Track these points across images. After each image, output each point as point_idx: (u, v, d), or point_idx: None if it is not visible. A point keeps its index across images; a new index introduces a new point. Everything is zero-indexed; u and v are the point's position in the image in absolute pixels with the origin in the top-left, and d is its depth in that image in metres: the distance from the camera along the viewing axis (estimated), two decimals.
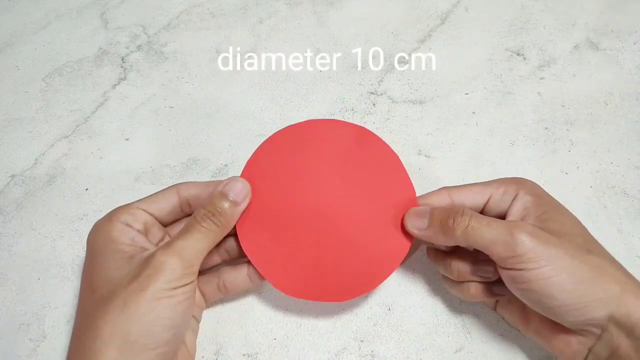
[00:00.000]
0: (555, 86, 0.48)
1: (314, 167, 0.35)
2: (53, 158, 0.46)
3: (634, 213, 0.40)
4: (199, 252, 0.30)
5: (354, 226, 0.34)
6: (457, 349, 0.36)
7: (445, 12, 0.54)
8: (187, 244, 0.30)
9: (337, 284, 0.34)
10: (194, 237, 0.30)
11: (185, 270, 0.29)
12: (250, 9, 0.55)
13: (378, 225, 0.34)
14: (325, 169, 0.35)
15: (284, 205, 0.34)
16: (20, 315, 0.38)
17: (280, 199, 0.34)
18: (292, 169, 0.35)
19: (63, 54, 0.53)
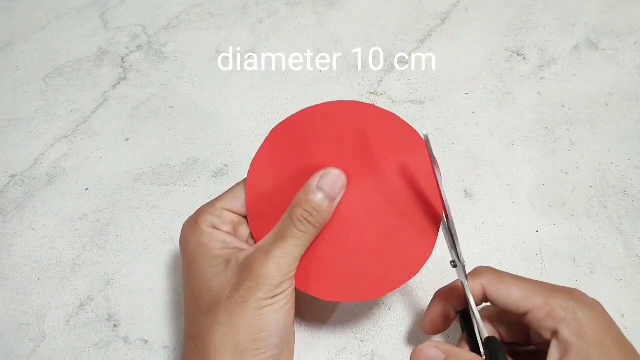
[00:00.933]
0: (555, 86, 0.48)
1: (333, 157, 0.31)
2: (53, 158, 0.46)
3: (634, 213, 0.40)
4: (295, 258, 0.30)
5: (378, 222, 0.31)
6: None
7: (445, 12, 0.54)
8: (284, 252, 0.29)
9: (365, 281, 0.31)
10: (291, 243, 0.29)
11: (283, 278, 0.29)
12: (250, 9, 0.55)
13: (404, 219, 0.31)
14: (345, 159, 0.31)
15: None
16: (20, 315, 0.38)
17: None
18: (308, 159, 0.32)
19: (63, 54, 0.53)
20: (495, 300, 0.29)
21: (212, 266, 0.30)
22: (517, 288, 0.29)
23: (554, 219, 0.40)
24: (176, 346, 0.36)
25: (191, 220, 0.32)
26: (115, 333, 0.37)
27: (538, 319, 0.28)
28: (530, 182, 0.42)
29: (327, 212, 0.30)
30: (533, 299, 0.28)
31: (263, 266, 0.29)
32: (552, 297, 0.28)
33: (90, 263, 0.40)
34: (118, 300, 0.38)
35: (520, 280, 0.29)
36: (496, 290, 0.29)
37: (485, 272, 0.30)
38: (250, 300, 0.28)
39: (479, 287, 0.30)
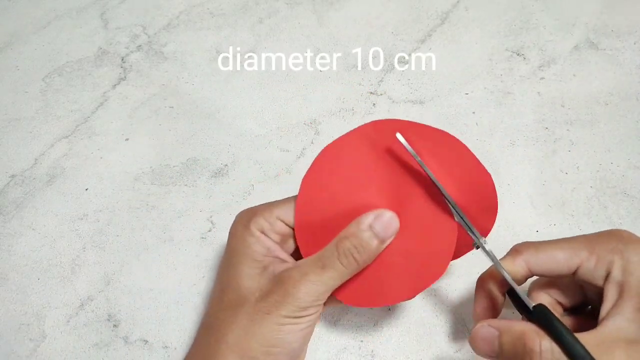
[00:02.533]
0: (555, 86, 0.48)
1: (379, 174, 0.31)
2: (53, 158, 0.46)
3: (634, 213, 0.40)
4: (329, 288, 0.29)
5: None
6: (457, 349, 0.36)
7: (445, 12, 0.54)
8: (319, 280, 0.29)
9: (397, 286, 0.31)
10: (329, 274, 0.29)
11: (312, 303, 0.29)
12: (250, 8, 0.55)
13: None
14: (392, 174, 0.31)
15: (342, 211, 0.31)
16: (20, 315, 0.38)
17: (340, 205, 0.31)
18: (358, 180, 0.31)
19: (63, 54, 0.53)
20: (542, 271, 0.29)
21: (248, 267, 0.30)
22: (559, 250, 0.28)
23: (554, 219, 0.40)
24: (176, 346, 0.36)
25: (245, 217, 0.32)
26: (115, 333, 0.37)
27: (589, 271, 0.27)
28: (530, 182, 0.42)
29: (374, 253, 0.30)
30: (578, 254, 0.28)
31: (295, 286, 0.28)
32: (596, 245, 0.28)
33: (90, 263, 0.40)
34: (118, 300, 0.38)
35: (559, 242, 0.29)
36: (540, 261, 0.29)
37: (523, 247, 0.30)
38: (273, 313, 0.28)
39: (522, 265, 0.29)
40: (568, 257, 0.28)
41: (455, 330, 0.36)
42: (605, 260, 0.27)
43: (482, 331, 0.28)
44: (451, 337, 0.36)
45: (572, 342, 0.25)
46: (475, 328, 0.28)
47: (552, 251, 0.29)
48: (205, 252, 0.40)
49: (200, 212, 0.42)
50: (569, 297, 0.31)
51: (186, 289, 0.39)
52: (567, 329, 0.26)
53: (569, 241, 0.29)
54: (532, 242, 0.30)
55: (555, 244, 0.29)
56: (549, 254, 0.29)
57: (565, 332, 0.25)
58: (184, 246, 0.41)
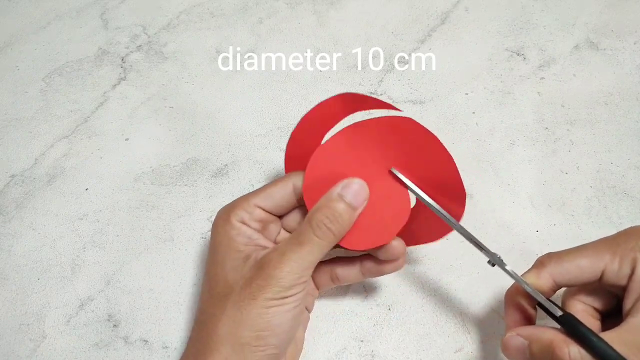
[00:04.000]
0: (555, 86, 0.48)
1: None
2: (53, 158, 0.46)
3: (634, 213, 0.40)
4: (310, 263, 0.30)
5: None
6: (457, 349, 0.36)
7: (445, 12, 0.54)
8: (298, 257, 0.29)
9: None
10: (307, 249, 0.30)
11: (294, 282, 0.29)
12: (250, 9, 0.55)
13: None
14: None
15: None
16: (20, 315, 0.38)
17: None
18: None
19: (63, 54, 0.53)
20: (568, 281, 0.29)
21: (232, 259, 0.31)
22: (582, 258, 0.29)
23: (554, 219, 0.40)
24: (176, 346, 0.36)
25: (224, 211, 0.33)
26: (115, 333, 0.37)
27: (614, 273, 0.28)
28: (530, 182, 0.42)
29: (348, 222, 0.31)
30: (601, 258, 0.28)
31: (276, 267, 0.29)
32: (616, 246, 0.28)
33: (90, 263, 0.40)
34: (118, 300, 0.38)
35: (581, 249, 0.29)
36: (564, 272, 0.29)
37: (546, 259, 0.30)
38: (258, 298, 0.29)
39: (547, 277, 0.29)
40: (592, 263, 0.28)
41: (455, 330, 0.36)
42: (628, 259, 0.27)
43: (513, 341, 0.28)
44: (451, 337, 0.36)
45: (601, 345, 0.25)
46: (506, 338, 0.29)
47: (575, 260, 0.29)
48: (205, 252, 0.40)
49: (200, 212, 0.42)
50: (603, 302, 0.30)
51: (186, 289, 0.39)
52: (594, 334, 0.26)
53: (590, 247, 0.29)
54: (554, 252, 0.30)
55: (577, 251, 0.29)
56: (572, 263, 0.29)
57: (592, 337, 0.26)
58: (184, 246, 0.41)
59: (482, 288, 0.38)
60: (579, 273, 0.29)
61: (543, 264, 0.30)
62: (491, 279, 0.38)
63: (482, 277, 0.38)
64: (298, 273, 0.29)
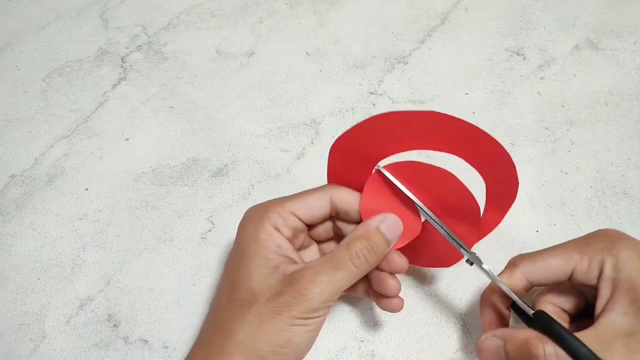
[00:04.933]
0: (555, 86, 0.48)
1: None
2: (53, 158, 0.46)
3: (634, 213, 0.40)
4: (340, 289, 0.30)
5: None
6: (457, 349, 0.36)
7: (445, 12, 0.54)
8: (331, 281, 0.29)
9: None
10: (341, 274, 0.29)
11: (322, 305, 0.29)
12: (250, 9, 0.55)
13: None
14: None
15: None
16: (20, 315, 0.38)
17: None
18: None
19: (63, 54, 0.53)
20: (539, 279, 0.30)
21: (260, 266, 0.30)
22: (553, 257, 0.29)
23: (554, 219, 0.40)
24: (176, 346, 0.36)
25: (257, 212, 0.32)
26: (115, 333, 0.37)
27: (583, 272, 0.28)
28: (530, 182, 0.42)
29: (382, 254, 0.31)
30: (571, 257, 0.29)
31: (307, 287, 0.29)
32: (586, 246, 0.29)
33: (90, 263, 0.40)
34: (118, 300, 0.38)
35: (552, 250, 0.30)
36: (536, 270, 0.30)
37: (518, 260, 0.31)
38: (284, 314, 0.28)
39: (519, 277, 0.30)
40: (562, 262, 0.29)
41: (455, 330, 0.36)
42: (596, 259, 0.28)
43: (487, 342, 0.29)
44: (451, 337, 0.36)
45: (574, 342, 0.25)
46: (481, 340, 0.29)
47: (546, 259, 0.30)
48: (205, 252, 0.40)
49: (200, 212, 0.42)
50: (572, 303, 0.31)
51: (186, 289, 0.39)
52: (568, 331, 0.26)
53: (561, 247, 0.30)
54: (526, 253, 0.31)
55: (548, 252, 0.30)
56: (544, 263, 0.30)
57: (566, 334, 0.26)
58: (184, 246, 0.41)
59: (482, 288, 0.38)
60: (551, 272, 0.29)
61: (515, 264, 0.31)
62: None
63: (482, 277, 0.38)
64: (328, 296, 0.29)
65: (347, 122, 0.46)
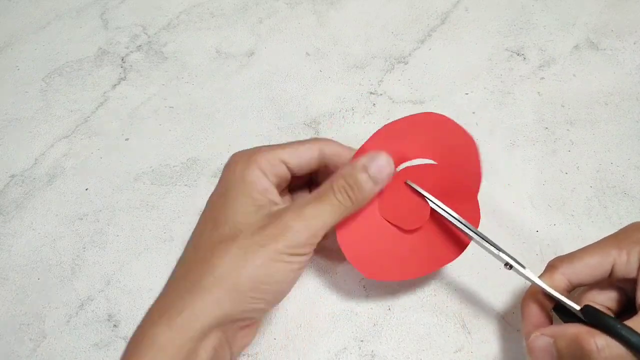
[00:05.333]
0: (555, 86, 0.48)
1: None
2: (53, 158, 0.46)
3: (634, 213, 0.40)
4: (325, 224, 0.29)
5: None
6: (457, 349, 0.36)
7: (445, 12, 0.54)
8: (317, 214, 0.29)
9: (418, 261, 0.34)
10: (326, 208, 0.29)
11: (308, 240, 0.29)
12: (250, 9, 0.55)
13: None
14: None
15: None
16: (20, 315, 0.38)
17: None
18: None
19: (63, 54, 0.53)
20: (580, 280, 0.30)
21: (244, 204, 0.30)
22: (590, 256, 0.29)
23: (554, 219, 0.40)
24: None
25: (245, 155, 0.32)
26: (115, 333, 0.37)
27: (623, 266, 0.28)
28: (530, 182, 0.42)
29: (368, 193, 0.31)
30: (609, 254, 0.29)
31: (293, 219, 0.29)
32: (622, 240, 0.29)
33: (90, 263, 0.40)
34: (118, 300, 0.38)
35: (588, 249, 0.30)
36: (575, 271, 0.29)
37: (557, 262, 0.31)
38: (268, 247, 0.28)
39: (561, 279, 0.30)
40: (601, 259, 0.29)
41: (455, 330, 0.36)
42: (635, 251, 0.28)
43: (538, 342, 0.28)
44: (451, 337, 0.36)
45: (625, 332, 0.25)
46: (531, 339, 0.29)
47: (584, 259, 0.29)
48: None
49: (200, 212, 0.42)
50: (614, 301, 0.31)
51: None
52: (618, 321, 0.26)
53: (597, 245, 0.30)
54: (564, 255, 0.31)
55: (585, 251, 0.30)
56: (582, 262, 0.29)
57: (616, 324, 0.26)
58: (183, 246, 0.40)
59: (482, 288, 0.38)
60: (590, 271, 0.29)
61: (555, 266, 0.30)
62: (491, 279, 0.38)
63: (482, 277, 0.38)
64: (313, 230, 0.29)
65: (347, 122, 0.46)
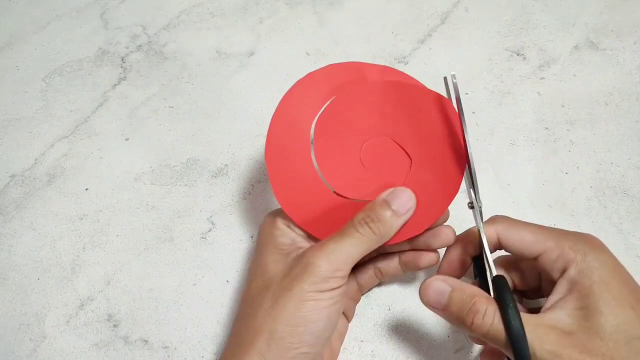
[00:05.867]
0: (555, 86, 0.48)
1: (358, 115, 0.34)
2: (53, 158, 0.46)
3: (634, 213, 0.40)
4: (348, 257, 0.30)
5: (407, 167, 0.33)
6: (457, 349, 0.36)
7: (445, 12, 0.54)
8: (338, 247, 0.30)
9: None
10: (347, 241, 0.30)
11: (332, 274, 0.29)
12: (250, 9, 0.55)
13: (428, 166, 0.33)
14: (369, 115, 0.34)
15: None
16: (20, 315, 0.38)
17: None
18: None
19: (63, 54, 0.53)
20: (508, 246, 0.30)
21: (273, 254, 0.31)
22: (529, 233, 0.30)
23: (554, 219, 0.40)
24: (176, 346, 0.36)
25: (272, 213, 0.34)
26: (115, 333, 0.37)
27: (550, 260, 0.29)
28: (530, 182, 0.42)
29: (390, 226, 0.31)
30: (545, 242, 0.29)
31: (314, 255, 0.29)
32: (564, 240, 0.29)
33: (90, 263, 0.40)
34: (118, 300, 0.38)
35: (533, 227, 0.30)
36: (510, 236, 0.30)
37: (499, 219, 0.31)
38: (295, 288, 0.29)
39: (493, 234, 0.31)
40: (535, 241, 0.29)
41: (455, 330, 0.36)
42: (566, 256, 0.28)
43: (436, 284, 0.29)
44: (451, 337, 0.36)
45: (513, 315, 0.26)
46: (430, 279, 0.30)
47: (523, 231, 0.30)
48: (205, 252, 0.40)
49: (200, 212, 0.42)
50: (525, 282, 0.32)
51: (186, 289, 0.39)
52: (515, 304, 0.27)
53: (541, 228, 0.30)
54: (509, 217, 0.32)
55: (528, 225, 0.31)
56: (519, 233, 0.30)
57: (511, 306, 0.27)
58: (184, 246, 0.41)
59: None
60: (520, 244, 0.30)
61: (494, 221, 0.31)
62: None
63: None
64: (336, 265, 0.29)
65: None
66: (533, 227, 0.30)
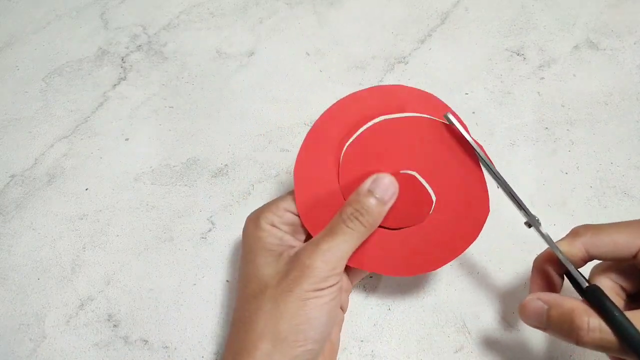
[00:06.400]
0: (555, 86, 0.48)
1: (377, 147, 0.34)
2: (53, 158, 0.46)
3: (634, 213, 0.40)
4: (343, 253, 0.31)
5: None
6: (457, 349, 0.36)
7: (445, 12, 0.54)
8: (331, 246, 0.30)
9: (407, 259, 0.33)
10: (339, 238, 0.30)
11: (329, 273, 0.30)
12: (250, 9, 0.55)
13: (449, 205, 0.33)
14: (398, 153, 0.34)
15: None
16: (20, 315, 0.38)
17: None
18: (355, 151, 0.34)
19: (63, 54, 0.53)
20: (601, 254, 0.29)
21: (264, 257, 0.31)
22: (619, 233, 0.29)
23: (554, 219, 0.40)
24: (176, 346, 0.36)
25: (253, 216, 0.33)
26: (115, 333, 0.37)
27: None
28: (530, 182, 0.42)
29: (377, 214, 0.31)
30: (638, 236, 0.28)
31: (310, 257, 0.30)
32: None
33: (90, 263, 0.40)
34: (118, 300, 0.38)
35: (619, 225, 0.29)
36: (599, 244, 0.29)
37: (582, 230, 0.30)
38: (295, 290, 0.29)
39: (579, 247, 0.29)
40: (629, 239, 0.28)
41: (455, 330, 0.36)
42: None
43: (533, 304, 0.29)
44: (451, 337, 0.36)
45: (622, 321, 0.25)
46: (527, 300, 0.29)
47: (612, 234, 0.29)
48: (205, 252, 0.40)
49: (200, 212, 0.42)
50: (632, 282, 0.30)
51: (186, 289, 0.39)
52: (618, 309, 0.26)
53: (629, 224, 0.29)
54: (592, 224, 0.30)
55: (615, 227, 0.29)
56: (609, 237, 0.29)
57: (615, 311, 0.26)
58: (184, 246, 0.41)
59: (482, 288, 0.38)
60: (614, 248, 0.28)
61: (578, 233, 0.30)
62: (491, 279, 0.38)
63: (482, 277, 0.38)
64: (333, 263, 0.30)
65: None
66: (619, 227, 0.29)
